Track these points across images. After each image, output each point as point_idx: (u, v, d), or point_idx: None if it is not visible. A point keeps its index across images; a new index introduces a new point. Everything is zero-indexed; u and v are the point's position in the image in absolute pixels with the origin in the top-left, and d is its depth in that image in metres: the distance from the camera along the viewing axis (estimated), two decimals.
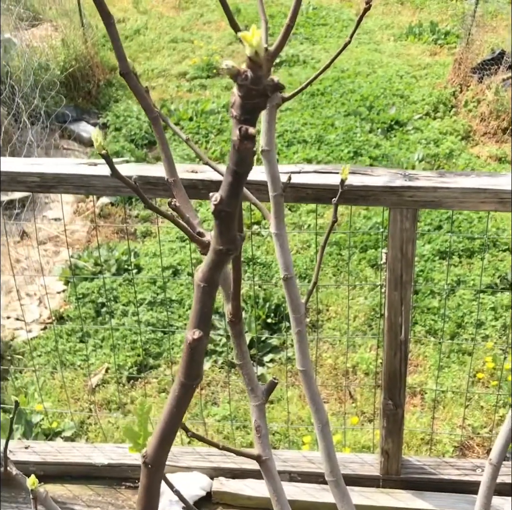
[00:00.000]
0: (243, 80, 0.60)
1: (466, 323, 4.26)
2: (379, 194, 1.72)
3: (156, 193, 1.87)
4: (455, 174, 1.74)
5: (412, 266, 1.78)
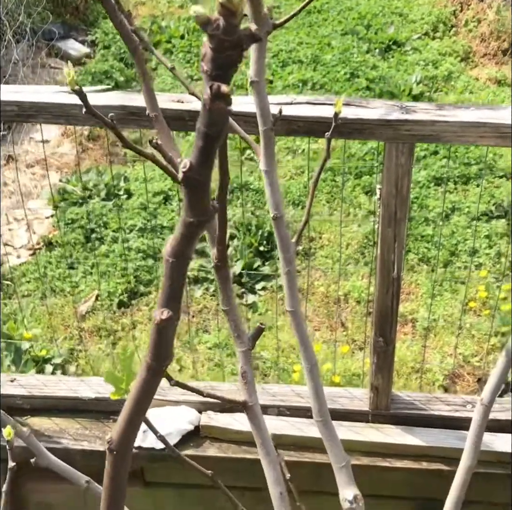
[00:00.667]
0: (214, 29, 0.52)
1: (460, 251, 4.21)
2: (375, 127, 1.64)
3: (140, 124, 1.78)
4: (454, 107, 1.65)
5: (407, 203, 1.71)
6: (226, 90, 0.51)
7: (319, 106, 1.68)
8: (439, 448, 2.01)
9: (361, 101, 1.68)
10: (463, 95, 5.56)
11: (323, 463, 1.38)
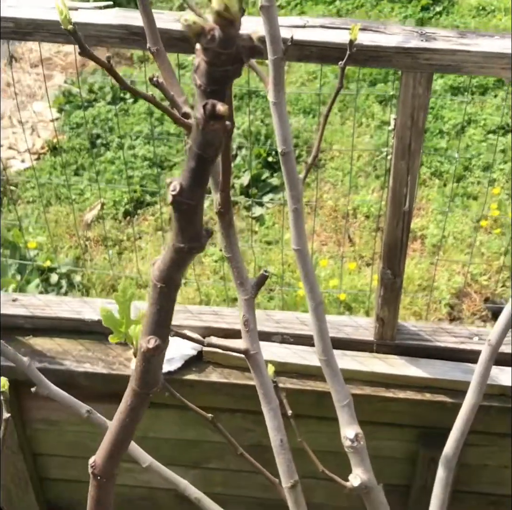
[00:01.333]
0: (209, 42, 0.44)
1: (474, 165, 4.11)
2: (392, 55, 1.53)
3: (142, 46, 1.66)
4: (477, 35, 1.54)
5: (422, 135, 1.63)
6: (222, 109, 0.44)
7: (334, 30, 1.57)
8: (443, 380, 2.00)
9: (378, 26, 1.57)
10: None
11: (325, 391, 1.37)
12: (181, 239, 0.51)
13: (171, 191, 0.49)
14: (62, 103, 4.45)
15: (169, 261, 0.53)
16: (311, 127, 4.40)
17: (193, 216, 0.51)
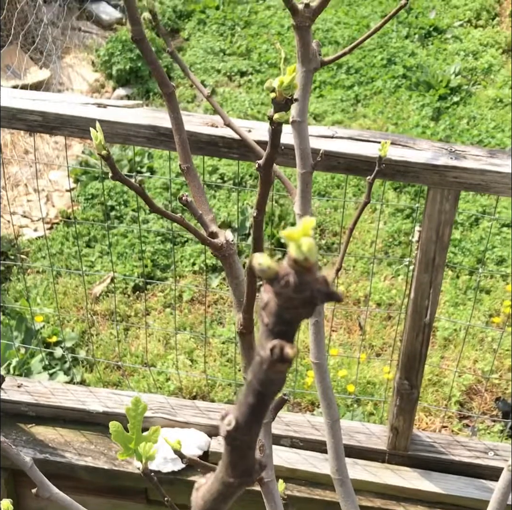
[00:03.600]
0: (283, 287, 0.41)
1: (487, 259, 4.09)
2: (420, 171, 1.52)
3: (169, 146, 1.66)
4: (507, 155, 1.53)
5: (446, 250, 1.60)
6: (291, 353, 0.41)
7: (362, 142, 1.56)
8: (456, 496, 1.92)
9: (407, 141, 1.56)
10: (502, 91, 5.37)
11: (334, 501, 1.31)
12: (231, 474, 0.48)
13: (226, 425, 0.45)
14: (79, 173, 4.47)
15: (216, 493, 0.49)
16: (324, 210, 4.40)
17: (247, 451, 0.47)
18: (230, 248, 1.20)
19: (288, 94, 0.89)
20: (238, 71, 5.46)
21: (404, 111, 5.16)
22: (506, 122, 5.02)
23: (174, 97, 1.23)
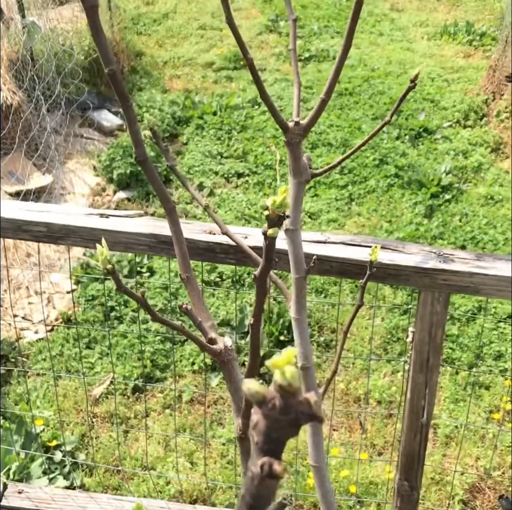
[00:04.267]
0: (270, 409, 0.46)
1: (485, 354, 4.11)
2: (410, 274, 1.58)
3: (170, 253, 1.73)
4: (494, 258, 1.59)
5: (440, 350, 1.65)
6: (279, 470, 0.45)
7: (354, 247, 1.63)
8: None
9: (397, 245, 1.63)
10: (492, 188, 5.52)
11: None
12: None
13: None
14: (80, 275, 4.54)
15: None
16: (322, 307, 4.45)
17: None
18: (228, 354, 1.24)
19: (280, 211, 0.96)
20: (235, 172, 5.62)
21: (397, 209, 5.29)
22: (497, 219, 5.14)
23: (174, 212, 1.30)
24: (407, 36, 8.06)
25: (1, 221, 1.74)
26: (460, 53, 7.74)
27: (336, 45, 7.59)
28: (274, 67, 7.10)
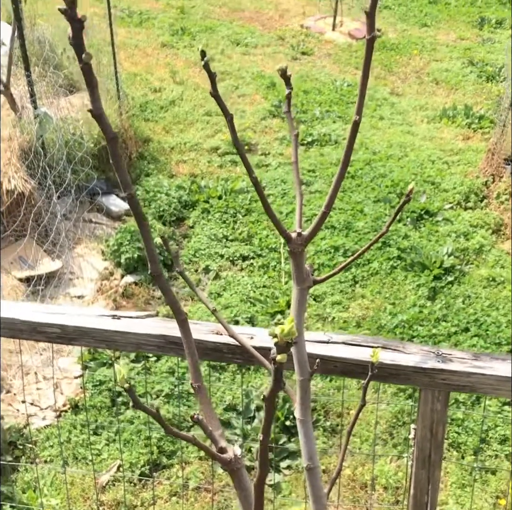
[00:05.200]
0: None
1: (491, 438, 4.12)
2: (411, 374, 1.65)
3: (179, 353, 1.81)
4: (490, 357, 1.66)
5: (441, 447, 1.70)
6: None
7: (355, 347, 1.70)
8: None
9: (397, 345, 1.70)
10: (494, 270, 5.60)
11: None
12: None
13: None
14: (87, 360, 4.60)
15: None
16: (328, 391, 4.48)
17: None
18: (238, 463, 1.30)
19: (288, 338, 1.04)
20: (240, 255, 5.73)
21: (400, 291, 5.36)
22: (499, 301, 5.21)
23: (186, 323, 1.38)
24: (407, 119, 8.29)
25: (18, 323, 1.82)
26: (459, 136, 7.95)
27: (338, 129, 7.80)
28: (277, 151, 7.30)
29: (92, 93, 1.24)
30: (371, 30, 1.35)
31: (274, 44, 10.33)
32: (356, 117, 1.42)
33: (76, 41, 1.15)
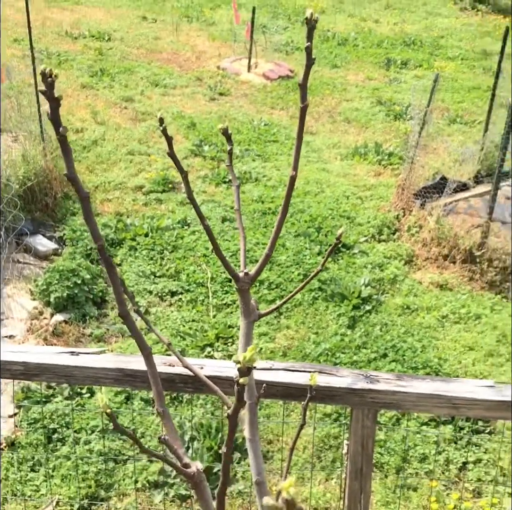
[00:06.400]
0: None
1: (411, 457, 4.40)
2: (343, 395, 1.88)
3: (134, 384, 1.99)
4: (412, 377, 1.91)
5: (371, 460, 1.93)
6: None
7: (294, 372, 1.92)
8: None
9: (331, 369, 1.94)
10: (408, 298, 5.96)
11: None
12: None
13: None
14: (21, 398, 4.67)
15: None
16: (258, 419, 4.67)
17: None
18: (200, 476, 1.50)
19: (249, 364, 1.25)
20: (169, 291, 5.91)
21: (323, 321, 5.65)
22: (414, 327, 5.55)
23: (151, 357, 1.57)
24: (322, 157, 8.68)
25: None
26: (371, 172, 8.38)
27: (257, 167, 8.11)
28: (200, 189, 7.54)
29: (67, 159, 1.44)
30: (303, 100, 1.60)
31: (193, 85, 10.63)
32: (293, 172, 1.67)
33: (53, 117, 1.35)
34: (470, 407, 1.86)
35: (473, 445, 4.47)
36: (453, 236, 6.49)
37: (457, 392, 1.86)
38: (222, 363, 1.97)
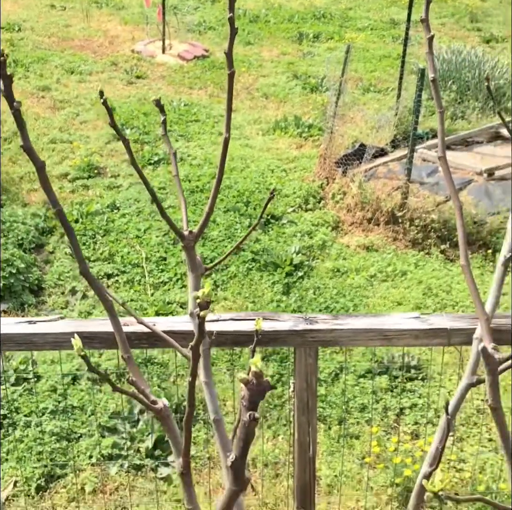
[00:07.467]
0: (251, 385, 0.91)
1: (351, 408, 4.65)
2: (286, 336, 2.06)
3: (91, 346, 2.12)
4: (346, 316, 2.10)
5: (316, 394, 2.11)
6: (258, 416, 0.90)
7: (240, 321, 2.09)
8: None
9: (274, 315, 2.11)
10: (337, 262, 6.21)
11: None
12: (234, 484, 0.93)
13: (230, 459, 0.92)
14: None
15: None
16: None
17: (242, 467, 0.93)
18: (167, 411, 1.65)
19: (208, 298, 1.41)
20: (105, 274, 6.00)
21: (258, 290, 5.84)
22: (345, 288, 5.81)
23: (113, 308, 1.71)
24: (244, 133, 8.84)
25: None
26: (293, 145, 8.59)
27: (181, 147, 8.22)
28: (127, 173, 7.61)
29: (22, 133, 1.56)
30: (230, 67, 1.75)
31: (108, 70, 10.62)
32: (226, 134, 1.83)
33: (7, 93, 1.47)
34: (400, 337, 2.06)
35: (408, 392, 4.75)
36: (375, 200, 6.76)
37: (387, 324, 2.06)
38: (173, 318, 2.13)
